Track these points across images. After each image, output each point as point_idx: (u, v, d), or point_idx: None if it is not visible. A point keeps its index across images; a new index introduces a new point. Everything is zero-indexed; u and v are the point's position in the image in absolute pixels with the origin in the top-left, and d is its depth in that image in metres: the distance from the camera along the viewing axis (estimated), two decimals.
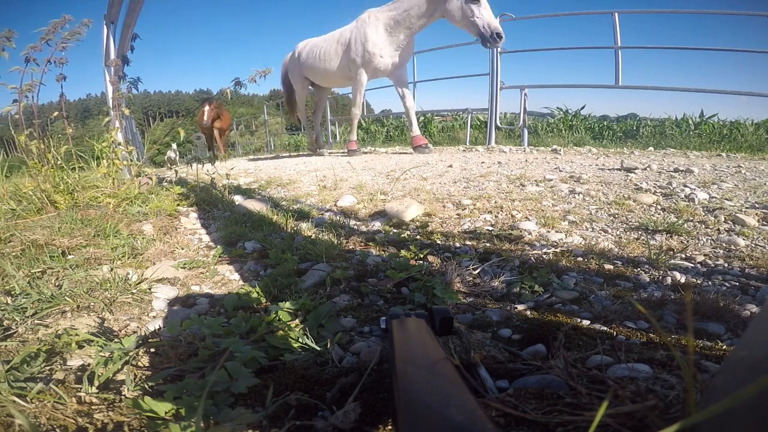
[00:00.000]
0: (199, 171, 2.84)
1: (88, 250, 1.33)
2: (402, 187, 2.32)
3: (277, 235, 1.54)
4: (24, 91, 1.94)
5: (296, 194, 2.44)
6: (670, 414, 0.44)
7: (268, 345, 0.75)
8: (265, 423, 0.55)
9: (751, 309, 0.85)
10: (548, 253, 1.25)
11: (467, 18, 3.77)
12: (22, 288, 0.98)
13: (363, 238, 1.48)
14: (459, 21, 3.85)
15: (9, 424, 0.54)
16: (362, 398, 0.58)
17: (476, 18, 3.74)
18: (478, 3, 3.73)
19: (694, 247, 1.26)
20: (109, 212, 1.79)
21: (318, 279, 1.11)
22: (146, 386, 0.65)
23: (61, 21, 1.99)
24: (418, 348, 0.50)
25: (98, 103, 41.94)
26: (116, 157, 2.15)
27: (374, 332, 0.84)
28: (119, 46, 2.82)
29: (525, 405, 0.50)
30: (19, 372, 0.66)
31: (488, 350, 0.72)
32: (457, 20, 3.86)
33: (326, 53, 4.82)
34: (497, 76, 5.03)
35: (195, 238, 1.64)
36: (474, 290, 1.02)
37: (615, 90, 4.65)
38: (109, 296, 1.00)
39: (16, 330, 0.83)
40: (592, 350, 0.70)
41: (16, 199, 1.87)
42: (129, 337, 0.75)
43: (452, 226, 1.60)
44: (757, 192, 1.83)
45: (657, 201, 1.75)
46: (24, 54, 1.93)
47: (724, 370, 0.39)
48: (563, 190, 2.00)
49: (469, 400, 0.35)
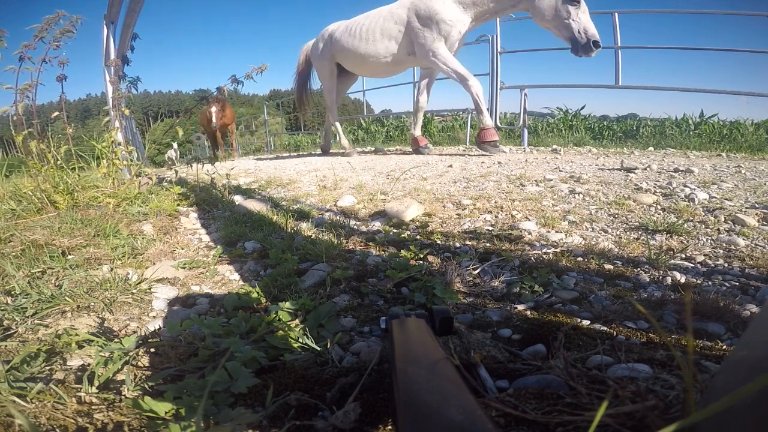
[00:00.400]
0: (199, 171, 2.84)
1: (88, 250, 1.33)
2: (402, 187, 2.32)
3: (277, 235, 1.54)
4: (22, 91, 1.93)
5: (296, 194, 2.44)
6: (670, 414, 0.44)
7: (268, 345, 0.75)
8: (265, 423, 0.55)
9: (751, 309, 0.85)
10: (548, 253, 1.25)
11: (560, 19, 3.28)
12: (22, 288, 0.98)
13: (363, 238, 1.48)
14: (548, 21, 3.36)
15: (9, 424, 0.54)
16: (362, 398, 0.58)
17: (572, 21, 3.25)
18: (577, 4, 3.23)
19: (694, 247, 1.26)
20: (109, 212, 1.79)
21: (318, 279, 1.11)
22: (146, 386, 0.65)
23: (55, 17, 1.95)
24: (418, 348, 0.50)
25: (98, 103, 41.93)
26: (116, 157, 2.15)
27: (374, 332, 0.84)
28: (119, 46, 2.82)
29: (525, 405, 0.50)
30: (19, 372, 0.66)
31: (488, 350, 0.72)
32: (545, 19, 3.36)
33: (373, 32, 4.09)
34: (497, 76, 5.03)
35: (195, 238, 1.64)
36: (474, 290, 1.02)
37: (615, 90, 4.65)
38: (109, 296, 1.00)
39: (16, 330, 0.83)
40: (592, 350, 0.70)
41: (16, 199, 1.87)
42: (129, 337, 0.75)
43: (452, 226, 1.60)
44: (757, 192, 1.83)
45: (657, 201, 1.75)
46: (18, 53, 1.91)
47: (724, 370, 0.39)
48: (563, 190, 2.00)
49: (469, 400, 0.35)
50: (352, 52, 4.29)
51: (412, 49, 3.97)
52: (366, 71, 4.65)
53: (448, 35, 3.69)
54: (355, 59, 4.34)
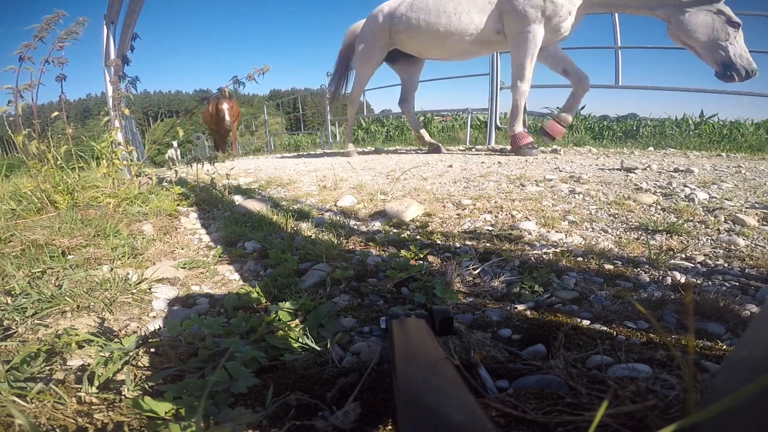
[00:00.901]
0: (199, 171, 2.84)
1: (88, 250, 1.33)
2: (402, 187, 2.32)
3: (277, 235, 1.54)
4: (21, 91, 1.92)
5: (296, 194, 2.44)
6: (670, 414, 0.44)
7: (268, 345, 0.75)
8: (265, 423, 0.55)
9: (751, 309, 0.85)
10: (548, 253, 1.25)
11: (715, 40, 2.82)
12: (22, 288, 0.98)
13: (363, 238, 1.48)
14: (695, 39, 2.88)
15: (9, 424, 0.54)
16: (362, 398, 0.58)
17: (729, 44, 2.81)
18: (738, 27, 2.80)
19: (694, 247, 1.26)
20: (109, 212, 1.79)
21: (318, 279, 1.11)
22: (146, 386, 0.65)
23: (54, 17, 1.94)
24: (418, 348, 0.50)
25: (98, 103, 41.96)
26: (116, 157, 2.15)
27: (374, 332, 0.84)
28: (119, 46, 2.82)
29: (525, 405, 0.50)
30: (19, 372, 0.66)
31: (488, 350, 0.72)
32: (692, 37, 2.88)
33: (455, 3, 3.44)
34: (497, 76, 5.02)
35: (195, 238, 1.64)
36: (474, 290, 1.02)
37: (615, 90, 4.65)
38: (109, 296, 1.00)
39: (16, 330, 0.83)
40: (592, 350, 0.70)
41: (16, 199, 1.87)
42: (129, 337, 0.75)
43: (452, 226, 1.60)
44: (757, 192, 1.83)
45: (657, 201, 1.75)
46: (17, 53, 1.91)
47: (724, 370, 0.39)
48: (563, 190, 2.00)
49: (469, 400, 0.35)
50: (425, 30, 3.59)
51: (501, 26, 3.35)
52: (441, 52, 3.83)
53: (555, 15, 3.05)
54: (430, 38, 3.63)
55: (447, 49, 3.71)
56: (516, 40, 3.25)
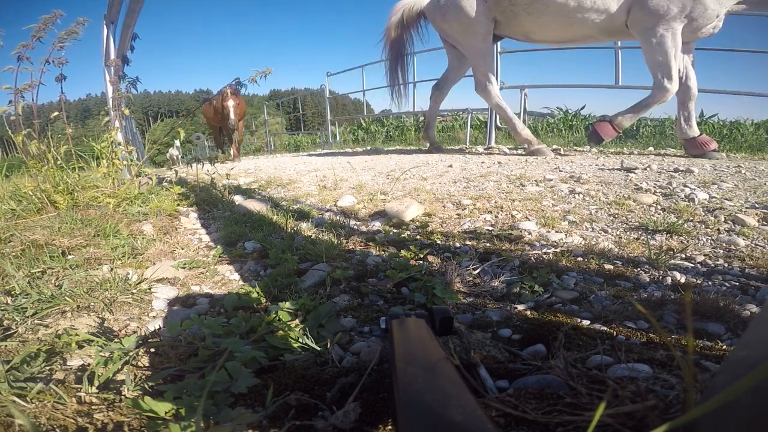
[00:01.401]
0: (199, 171, 2.84)
1: (88, 250, 1.33)
2: (402, 187, 2.32)
3: (277, 235, 1.54)
4: (21, 91, 1.92)
5: (296, 194, 2.44)
6: (670, 414, 0.44)
7: (268, 345, 0.75)
8: (265, 423, 0.55)
9: (751, 309, 0.85)
10: (548, 253, 1.25)
11: None
12: (22, 288, 0.98)
13: (363, 238, 1.48)
14: None
15: (9, 424, 0.54)
16: (362, 398, 0.58)
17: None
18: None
19: (694, 247, 1.26)
20: (109, 212, 1.79)
21: (318, 279, 1.11)
22: (146, 386, 0.65)
23: (52, 17, 1.94)
24: (418, 348, 0.50)
25: (98, 103, 41.94)
26: (116, 157, 2.15)
27: (374, 332, 0.84)
28: (119, 46, 2.82)
29: (525, 405, 0.50)
30: (19, 372, 0.66)
31: (488, 350, 0.72)
32: None
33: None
34: (497, 77, 5.02)
35: (195, 238, 1.64)
36: (474, 290, 1.02)
37: (615, 90, 4.65)
38: (109, 296, 1.00)
39: (16, 330, 0.83)
40: (592, 350, 0.70)
41: (16, 199, 1.87)
42: (129, 337, 0.75)
43: (452, 226, 1.60)
44: (757, 192, 1.83)
45: (657, 201, 1.75)
46: (15, 53, 1.91)
47: (724, 370, 0.39)
48: (563, 190, 2.00)
49: (469, 400, 0.35)
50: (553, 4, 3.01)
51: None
52: (560, 34, 3.24)
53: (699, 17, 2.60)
54: (556, 14, 3.03)
55: (571, 31, 3.15)
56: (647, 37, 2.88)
